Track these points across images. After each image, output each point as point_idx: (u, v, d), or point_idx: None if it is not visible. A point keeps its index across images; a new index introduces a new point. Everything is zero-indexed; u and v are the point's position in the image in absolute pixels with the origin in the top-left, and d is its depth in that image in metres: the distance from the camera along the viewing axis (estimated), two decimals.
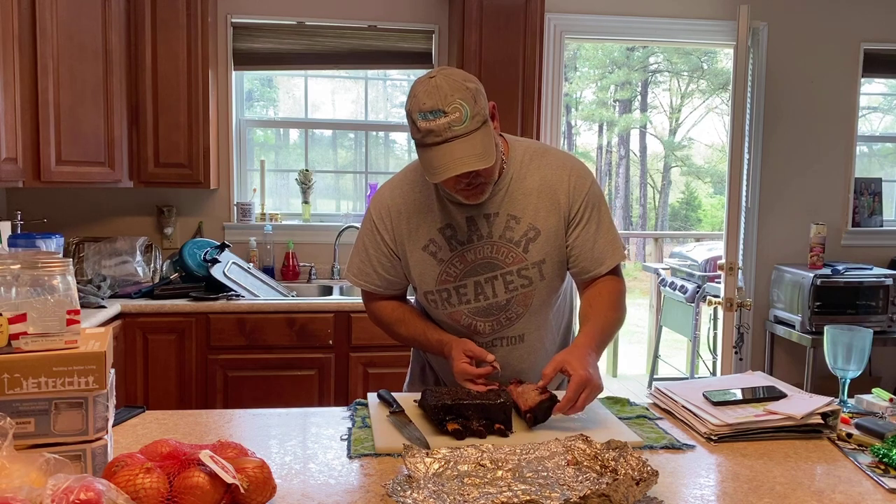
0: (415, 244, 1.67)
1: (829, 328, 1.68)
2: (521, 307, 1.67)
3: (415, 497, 1.07)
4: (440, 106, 1.43)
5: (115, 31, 3.19)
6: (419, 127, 1.46)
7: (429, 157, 1.47)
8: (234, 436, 1.43)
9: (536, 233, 1.64)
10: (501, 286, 1.65)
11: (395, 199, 1.70)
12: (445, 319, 1.71)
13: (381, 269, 1.72)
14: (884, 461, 1.32)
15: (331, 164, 4.17)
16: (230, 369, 3.14)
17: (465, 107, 1.44)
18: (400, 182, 1.73)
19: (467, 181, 1.52)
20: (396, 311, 1.76)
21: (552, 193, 1.65)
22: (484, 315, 1.67)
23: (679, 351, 5.93)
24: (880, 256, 4.21)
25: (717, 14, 3.98)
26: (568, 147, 13.95)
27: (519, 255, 1.64)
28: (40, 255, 1.17)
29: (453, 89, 1.45)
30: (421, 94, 1.46)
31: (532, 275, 1.65)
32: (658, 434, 1.47)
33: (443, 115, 1.43)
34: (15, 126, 2.76)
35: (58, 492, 0.90)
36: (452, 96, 1.44)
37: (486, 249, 1.64)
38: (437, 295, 1.68)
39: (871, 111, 5.18)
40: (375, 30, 3.78)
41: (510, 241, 1.64)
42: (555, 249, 1.66)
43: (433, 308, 1.71)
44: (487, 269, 1.65)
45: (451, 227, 1.64)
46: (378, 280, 1.73)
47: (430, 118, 1.44)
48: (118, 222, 3.67)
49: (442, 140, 1.44)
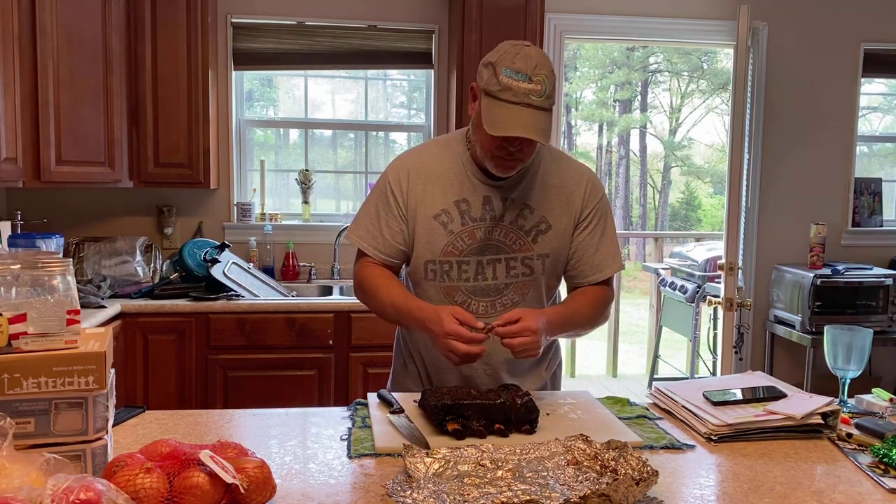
0: (427, 210, 1.67)
1: (829, 328, 1.68)
2: (518, 295, 1.69)
3: (415, 497, 1.07)
4: (528, 72, 1.49)
5: (115, 31, 3.19)
6: (500, 80, 1.50)
7: (498, 111, 1.51)
8: (234, 436, 1.43)
9: (548, 226, 1.68)
10: (503, 270, 1.67)
11: (415, 162, 1.72)
12: (439, 294, 1.69)
13: (388, 233, 1.70)
14: (884, 461, 1.32)
15: (331, 164, 4.17)
16: (230, 369, 3.14)
17: (546, 84, 1.50)
18: (423, 149, 1.77)
19: (513, 150, 1.55)
20: (384, 276, 1.71)
21: (569, 194, 1.71)
22: (480, 295, 1.68)
23: (679, 351, 5.93)
24: (880, 256, 4.21)
25: (717, 14, 3.98)
26: (568, 147, 13.95)
27: (527, 244, 1.67)
28: (40, 255, 1.16)
29: (542, 64, 1.51)
30: (511, 54, 1.52)
31: (535, 266, 1.68)
32: (658, 434, 1.47)
33: (528, 80, 1.49)
34: (15, 126, 2.76)
35: (58, 492, 0.90)
36: (541, 70, 1.50)
37: (496, 232, 1.67)
38: (438, 266, 1.67)
39: (871, 111, 5.18)
40: (375, 30, 3.78)
41: (521, 229, 1.67)
42: (561, 247, 1.70)
43: (430, 280, 1.69)
44: (493, 251, 1.67)
45: (466, 201, 1.67)
46: (381, 243, 1.71)
47: (515, 78, 1.49)
48: (118, 222, 3.67)
49: (517, 102, 1.49)
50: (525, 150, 1.57)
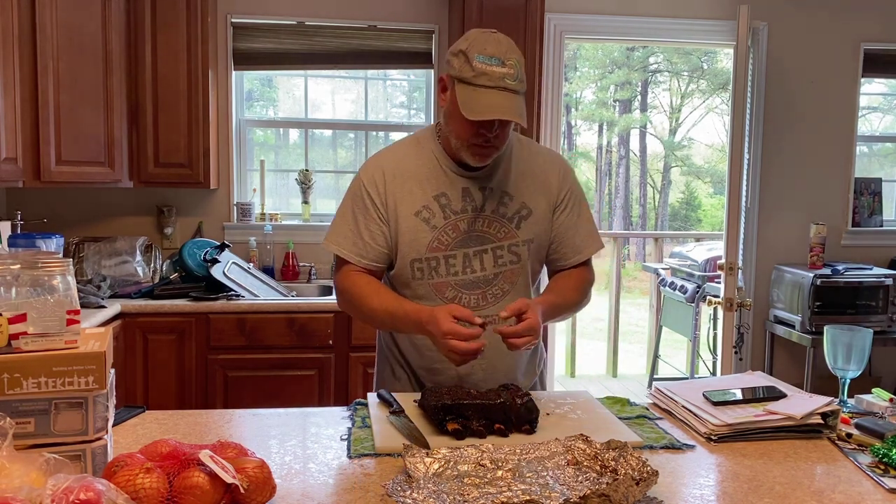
0: (408, 209, 1.66)
1: (828, 328, 1.68)
2: (508, 284, 1.69)
3: (415, 497, 1.07)
4: (501, 56, 1.51)
5: (115, 31, 3.19)
6: (474, 66, 1.51)
7: (474, 96, 1.52)
8: (234, 436, 1.43)
9: (528, 212, 1.70)
10: (490, 260, 1.67)
11: (388, 162, 1.71)
12: (429, 291, 1.67)
13: (369, 236, 1.67)
14: (884, 461, 1.32)
15: (331, 164, 4.17)
16: (230, 369, 3.14)
17: (518, 68, 1.53)
18: (393, 150, 1.77)
19: (490, 135, 1.56)
20: (370, 283, 1.67)
21: (545, 178, 1.73)
22: (470, 288, 1.67)
23: (679, 351, 5.93)
24: (880, 256, 4.21)
25: (717, 14, 3.98)
26: (568, 147, 13.95)
27: (511, 231, 1.68)
28: (40, 255, 1.16)
29: (512, 49, 1.54)
30: (481, 41, 1.54)
31: (521, 252, 1.69)
32: (658, 434, 1.47)
33: (501, 65, 1.51)
34: (15, 126, 2.76)
35: (58, 492, 0.90)
36: (512, 54, 1.53)
37: (479, 223, 1.67)
38: (425, 263, 1.66)
39: (871, 111, 5.18)
40: (375, 30, 3.78)
41: (503, 217, 1.68)
42: (543, 231, 1.72)
43: (419, 278, 1.67)
44: (478, 242, 1.67)
45: (445, 195, 1.66)
46: (363, 248, 1.66)
47: (489, 63, 1.51)
48: (118, 222, 3.67)
49: (493, 86, 1.50)
50: (501, 136, 1.58)
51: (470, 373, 1.68)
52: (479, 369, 1.69)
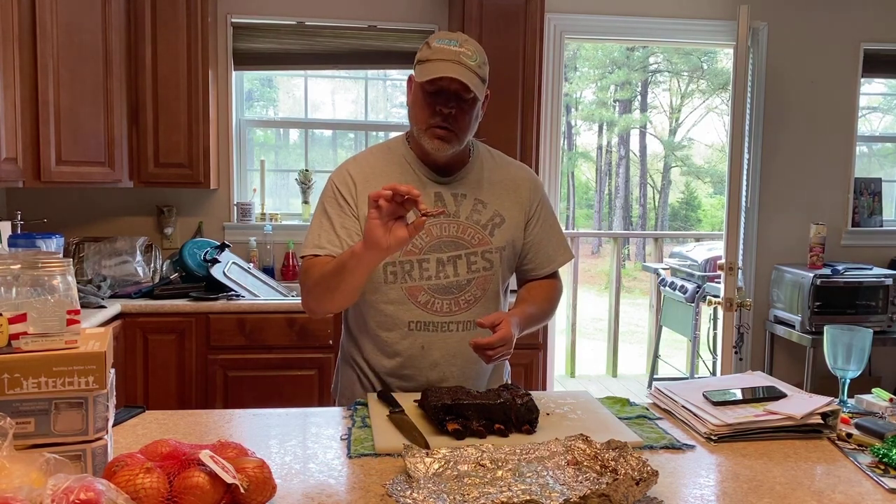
0: None
1: (828, 328, 1.68)
2: (480, 290, 1.70)
3: (415, 497, 1.07)
4: (459, 40, 1.59)
5: (115, 31, 3.19)
6: (432, 47, 1.59)
7: (430, 65, 1.57)
8: (234, 436, 1.43)
9: (502, 220, 1.72)
10: (464, 266, 1.68)
11: (359, 167, 1.72)
12: (401, 295, 1.66)
13: (344, 232, 1.64)
14: (884, 461, 1.32)
15: (331, 164, 4.17)
16: (230, 369, 3.14)
17: (478, 54, 1.60)
18: (365, 155, 1.78)
19: (447, 111, 1.58)
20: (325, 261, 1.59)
21: (515, 189, 1.76)
22: (443, 293, 1.67)
23: (679, 351, 5.94)
24: (880, 256, 4.21)
25: (717, 14, 3.98)
26: (568, 147, 13.95)
27: (485, 238, 1.70)
28: (40, 255, 1.16)
29: (473, 42, 1.62)
30: (442, 34, 1.62)
31: (494, 259, 1.71)
32: (658, 434, 1.47)
33: (458, 45, 1.58)
34: (15, 126, 2.76)
35: (58, 492, 0.90)
36: (470, 42, 1.61)
37: (453, 228, 1.68)
38: (398, 266, 1.66)
39: (871, 111, 5.18)
40: (375, 30, 3.78)
41: (477, 224, 1.70)
42: (515, 240, 1.75)
43: (391, 282, 1.65)
44: (452, 248, 1.68)
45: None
46: (338, 244, 1.62)
47: (447, 44, 1.58)
48: (118, 222, 3.67)
49: (449, 59, 1.56)
50: (459, 118, 1.60)
51: (443, 379, 1.69)
52: (451, 376, 1.70)
